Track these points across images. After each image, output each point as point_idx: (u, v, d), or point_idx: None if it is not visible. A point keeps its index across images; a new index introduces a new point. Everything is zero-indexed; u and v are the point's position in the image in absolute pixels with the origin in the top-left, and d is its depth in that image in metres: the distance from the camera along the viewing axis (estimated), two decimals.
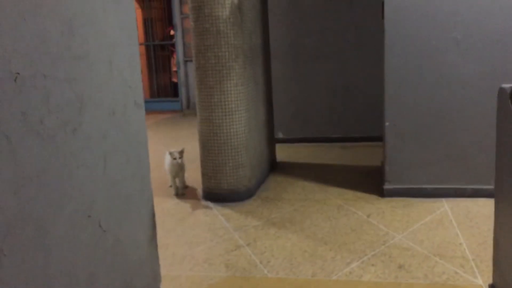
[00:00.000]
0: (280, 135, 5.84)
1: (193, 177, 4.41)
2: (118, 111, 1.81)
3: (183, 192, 4.05)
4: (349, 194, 3.81)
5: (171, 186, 4.09)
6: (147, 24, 10.40)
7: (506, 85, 1.82)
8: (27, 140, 1.29)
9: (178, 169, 3.97)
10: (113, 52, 1.77)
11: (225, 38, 3.55)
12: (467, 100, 3.44)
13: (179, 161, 3.93)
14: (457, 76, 3.43)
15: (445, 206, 3.40)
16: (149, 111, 9.98)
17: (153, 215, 2.13)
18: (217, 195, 3.77)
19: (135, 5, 9.61)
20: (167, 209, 3.67)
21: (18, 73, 1.25)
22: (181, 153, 3.94)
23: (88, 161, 1.59)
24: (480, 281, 2.34)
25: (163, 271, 2.54)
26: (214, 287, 2.42)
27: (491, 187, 3.47)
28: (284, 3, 5.68)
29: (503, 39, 3.31)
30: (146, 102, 10.09)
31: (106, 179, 1.71)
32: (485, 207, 3.32)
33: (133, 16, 1.95)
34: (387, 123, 3.59)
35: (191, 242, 3.02)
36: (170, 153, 3.96)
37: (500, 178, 1.94)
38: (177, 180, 4.03)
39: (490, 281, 2.16)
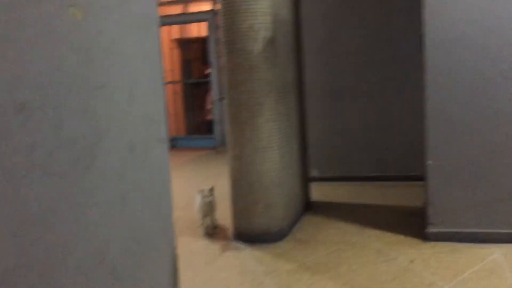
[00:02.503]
0: (315, 173, 5.64)
1: (224, 216, 4.25)
2: (138, 146, 1.68)
3: (213, 232, 3.88)
4: (389, 237, 3.55)
5: (201, 226, 3.94)
6: (185, 63, 10.55)
7: None
8: (33, 176, 1.17)
9: (209, 208, 3.83)
10: (135, 82, 1.67)
11: (257, 73, 3.44)
12: None
13: (210, 199, 3.79)
14: (505, 111, 3.19)
15: (498, 252, 3.10)
16: (184, 148, 10.00)
17: (176, 259, 1.96)
18: (248, 235, 3.59)
19: (173, 44, 9.79)
20: (195, 250, 3.50)
21: (24, 103, 1.14)
22: (211, 190, 3.81)
23: (102, 200, 1.46)
24: None
25: None
26: None
27: None
28: (319, 40, 5.59)
29: None
30: (181, 139, 10.20)
31: (123, 221, 1.57)
32: None
33: (158, 46, 1.86)
34: (429, 162, 3.36)
35: (219, 286, 2.83)
36: (200, 191, 3.84)
37: None
38: (207, 220, 3.88)
39: None
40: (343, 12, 5.49)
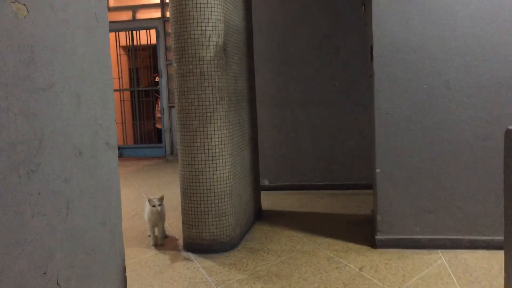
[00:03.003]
0: (266, 182, 5.65)
1: (174, 226, 4.16)
2: (85, 151, 1.61)
3: (162, 242, 3.78)
4: (339, 245, 3.58)
5: (149, 236, 3.83)
6: (133, 71, 10.34)
7: None
8: None
9: (158, 218, 3.72)
10: (82, 85, 1.59)
11: (209, 80, 3.41)
12: (462, 146, 3.31)
13: (158, 208, 3.67)
14: (449, 121, 3.31)
15: (442, 258, 3.19)
16: (132, 157, 9.77)
17: (124, 270, 1.88)
18: (198, 245, 3.52)
19: (121, 52, 9.55)
20: (144, 261, 3.39)
21: None
22: (160, 199, 3.70)
23: (46, 208, 1.38)
24: None
25: None
26: None
27: (488, 237, 3.30)
28: (271, 49, 5.62)
29: (495, 83, 3.22)
30: (129, 148, 9.94)
31: (68, 229, 1.48)
32: (483, 260, 3.12)
33: (107, 49, 1.79)
34: (378, 170, 3.43)
35: None
36: (149, 200, 3.71)
37: (511, 229, 1.76)
38: (156, 230, 3.78)
39: None
40: (294, 22, 5.55)
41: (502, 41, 3.20)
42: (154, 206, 3.66)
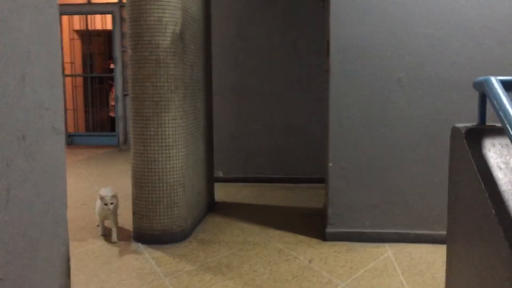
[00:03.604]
0: (220, 174, 5.63)
1: (124, 216, 4.07)
2: (29, 136, 1.54)
3: (116, 239, 3.51)
4: (290, 237, 3.62)
5: (98, 226, 3.74)
6: (86, 57, 10.04)
7: (459, 125, 1.73)
8: None
9: (109, 214, 3.54)
10: (28, 66, 1.52)
11: (164, 68, 3.35)
12: (410, 143, 3.41)
13: (110, 207, 3.47)
14: (400, 118, 3.40)
15: (388, 251, 3.29)
16: (84, 145, 9.50)
17: (68, 260, 1.82)
18: (149, 236, 3.46)
19: (75, 36, 9.24)
20: (92, 251, 3.31)
21: None
22: (113, 197, 3.51)
23: None
24: None
25: None
26: None
27: (434, 232, 3.42)
28: (227, 39, 5.59)
29: (446, 83, 3.33)
30: (81, 136, 9.68)
31: (8, 217, 1.41)
32: (427, 253, 3.24)
33: (57, 31, 1.71)
34: (330, 164, 3.48)
35: None
36: (101, 198, 3.49)
37: (454, 222, 1.82)
38: (105, 221, 3.68)
39: None
40: (252, 14, 5.54)
41: (452, 43, 3.30)
42: (106, 204, 3.47)
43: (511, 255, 1.25)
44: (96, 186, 5.51)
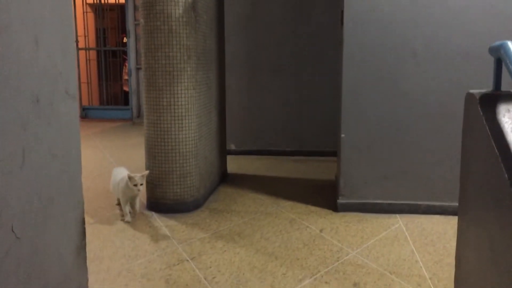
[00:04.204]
0: (232, 147, 5.65)
1: None
2: (43, 99, 1.55)
3: (134, 217, 3.38)
4: (302, 208, 3.64)
5: (119, 208, 3.52)
6: (100, 31, 10.03)
7: (474, 91, 1.71)
8: None
9: (135, 196, 3.34)
10: (41, 29, 1.53)
11: (177, 38, 3.34)
12: (423, 114, 3.38)
13: (140, 188, 3.22)
14: (414, 88, 3.36)
15: (400, 222, 3.30)
16: (98, 118, 9.58)
17: (83, 222, 1.86)
18: (162, 205, 3.51)
19: (87, 9, 9.21)
20: (106, 219, 3.37)
21: None
22: (143, 177, 3.26)
23: (1, 154, 1.33)
24: None
25: (95, 286, 2.27)
26: None
27: (445, 203, 3.41)
28: (242, 11, 5.54)
29: (461, 54, 3.28)
30: (95, 109, 9.75)
31: (24, 177, 1.44)
32: (439, 224, 3.24)
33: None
34: (343, 135, 3.47)
35: (129, 255, 2.75)
36: (130, 178, 3.20)
37: (466, 191, 1.81)
38: (128, 206, 3.35)
39: None
40: None
41: (468, 12, 3.23)
42: (136, 185, 3.20)
43: None
44: (111, 158, 5.58)
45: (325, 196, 3.92)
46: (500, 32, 3.21)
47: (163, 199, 3.50)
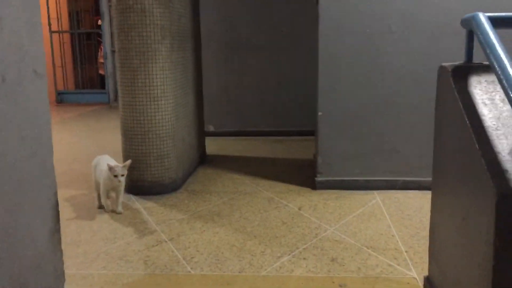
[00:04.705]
0: (211, 128, 5.62)
1: None
2: (10, 78, 1.51)
3: (121, 210, 3.13)
4: (281, 187, 3.65)
5: (98, 199, 3.22)
6: (74, 14, 9.81)
7: (446, 64, 1.72)
8: None
9: (117, 186, 3.10)
10: (4, 6, 1.48)
11: (150, 17, 3.27)
12: (399, 91, 3.40)
13: (121, 179, 3.01)
14: (390, 66, 3.37)
15: (377, 198, 3.33)
16: (74, 103, 9.41)
17: (56, 205, 1.83)
18: (140, 187, 3.48)
19: None
20: (83, 203, 3.33)
21: None
22: (124, 168, 3.04)
23: None
24: (414, 273, 2.25)
25: (72, 270, 2.26)
26: (131, 286, 2.16)
27: (421, 178, 3.46)
28: None
29: (437, 31, 3.29)
30: (70, 93, 9.57)
31: None
32: (415, 199, 3.29)
33: None
34: (320, 113, 3.47)
35: (107, 238, 2.72)
36: (111, 168, 2.98)
37: (439, 162, 1.84)
38: (110, 194, 3.20)
39: (425, 273, 2.07)
40: None
41: None
42: (116, 176, 2.99)
43: (493, 186, 1.26)
44: (87, 142, 5.50)
45: (304, 174, 3.94)
46: (473, 5, 3.22)
47: (141, 181, 3.47)
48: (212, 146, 5.02)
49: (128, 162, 3.07)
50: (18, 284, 1.55)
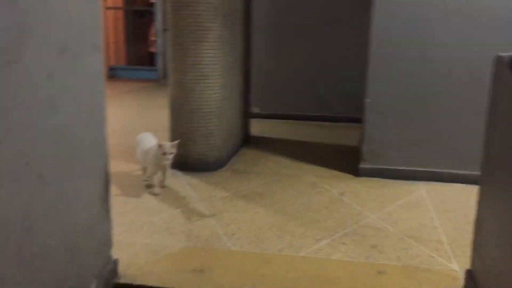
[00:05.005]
0: (256, 109, 5.64)
1: None
2: (69, 50, 1.57)
3: (164, 185, 3.22)
4: (323, 171, 3.65)
5: (145, 178, 3.26)
6: None
7: (504, 54, 1.66)
8: None
9: (163, 166, 3.09)
10: None
11: None
12: (451, 80, 3.30)
13: (170, 157, 2.98)
14: (443, 54, 3.27)
15: (422, 189, 3.28)
16: (124, 78, 9.65)
17: (107, 174, 1.91)
18: (185, 164, 3.56)
19: None
20: (131, 176, 3.45)
21: None
22: (173, 146, 2.99)
23: (28, 101, 1.37)
24: (455, 266, 2.21)
25: (118, 237, 2.34)
26: (172, 256, 2.24)
27: (468, 172, 3.37)
28: None
29: (495, 17, 3.16)
30: (122, 69, 9.81)
31: (51, 126, 1.48)
32: (461, 193, 3.21)
33: None
34: (368, 100, 3.43)
35: (151, 209, 2.82)
36: (160, 146, 2.96)
37: (490, 155, 1.79)
38: (159, 175, 3.18)
39: (467, 266, 2.03)
40: None
41: None
42: (165, 154, 2.96)
43: None
44: (136, 118, 5.66)
45: (347, 161, 3.91)
46: None
47: (187, 157, 3.55)
48: (257, 127, 5.04)
49: (177, 142, 3.04)
50: (70, 245, 1.64)
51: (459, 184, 3.35)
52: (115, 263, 2.03)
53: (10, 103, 1.30)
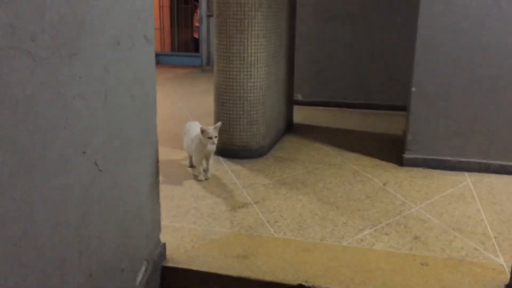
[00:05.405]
0: (299, 97, 5.64)
1: None
2: (123, 42, 1.64)
3: (209, 175, 3.20)
4: (366, 160, 3.63)
5: (191, 165, 3.39)
6: None
7: None
8: (15, 59, 1.14)
9: (209, 152, 3.13)
10: None
11: None
12: (501, 71, 3.20)
13: (215, 141, 3.02)
14: (494, 44, 3.18)
15: (468, 180, 3.22)
16: (169, 64, 9.82)
17: (157, 161, 1.99)
18: (228, 150, 3.63)
19: None
20: (176, 161, 3.54)
21: None
22: (216, 129, 3.04)
23: (86, 92, 1.44)
24: (501, 260, 2.18)
25: (165, 222, 2.44)
26: (217, 242, 2.31)
27: None
28: None
29: None
30: (166, 55, 9.99)
31: (106, 115, 1.56)
32: (509, 185, 3.13)
33: None
34: (413, 89, 3.37)
35: (197, 195, 2.90)
36: (203, 131, 2.99)
37: None
38: (204, 163, 3.20)
39: None
40: None
41: None
42: (210, 138, 3.00)
43: None
44: (181, 103, 5.77)
45: (391, 150, 3.88)
46: None
47: (230, 144, 3.61)
48: (299, 115, 5.05)
49: (219, 124, 3.10)
50: (122, 229, 1.73)
51: (508, 176, 3.27)
52: (163, 246, 2.12)
53: (70, 94, 1.37)
